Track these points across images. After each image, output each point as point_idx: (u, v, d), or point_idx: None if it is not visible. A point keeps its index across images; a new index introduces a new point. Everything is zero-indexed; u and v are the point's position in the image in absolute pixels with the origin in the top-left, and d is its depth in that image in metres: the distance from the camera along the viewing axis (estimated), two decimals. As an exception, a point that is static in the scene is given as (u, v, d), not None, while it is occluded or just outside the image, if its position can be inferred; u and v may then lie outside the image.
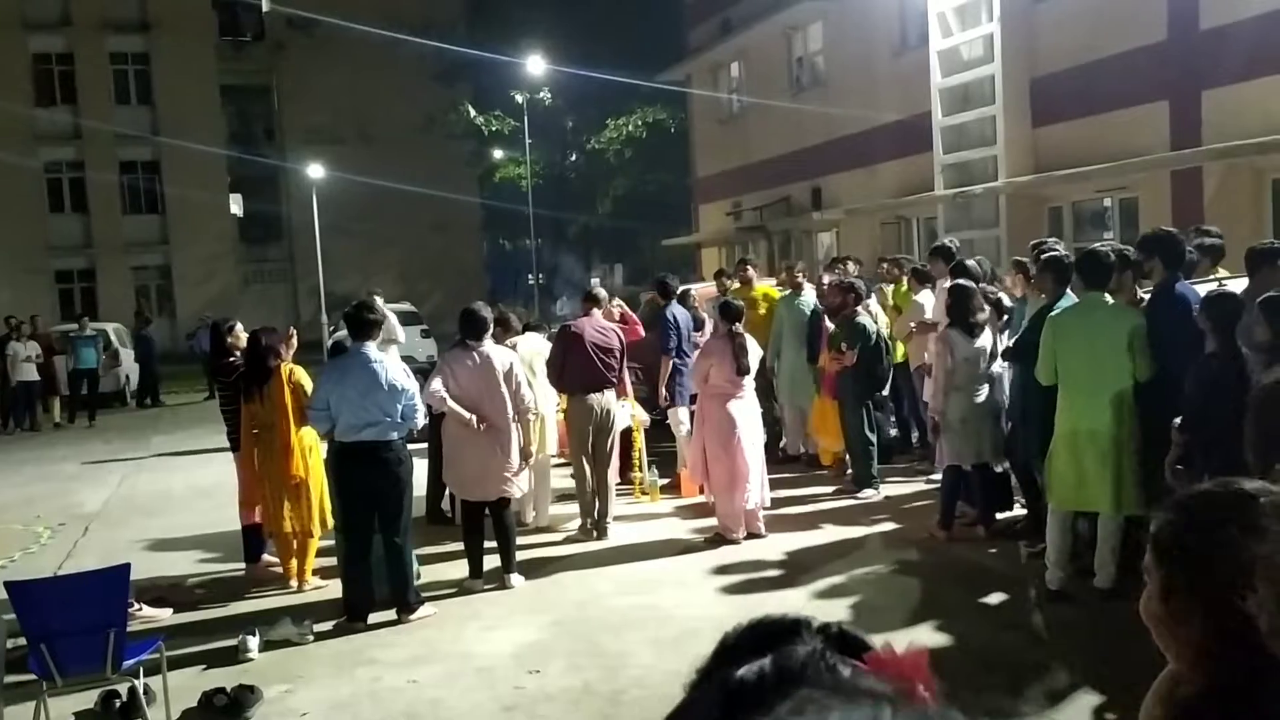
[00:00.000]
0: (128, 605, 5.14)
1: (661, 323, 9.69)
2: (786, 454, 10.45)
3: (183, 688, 5.33)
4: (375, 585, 6.41)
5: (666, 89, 25.52)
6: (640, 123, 30.51)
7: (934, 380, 7.45)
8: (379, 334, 6.62)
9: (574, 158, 35.54)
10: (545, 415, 8.28)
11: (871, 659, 0.67)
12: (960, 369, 7.25)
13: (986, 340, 7.37)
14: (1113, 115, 12.60)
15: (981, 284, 8.00)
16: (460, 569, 7.07)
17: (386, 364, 6.38)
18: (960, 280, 7.69)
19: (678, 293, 10.39)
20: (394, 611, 6.38)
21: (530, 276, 33.90)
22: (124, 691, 5.11)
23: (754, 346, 8.03)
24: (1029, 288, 7.64)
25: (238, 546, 7.65)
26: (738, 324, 7.80)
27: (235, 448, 7.59)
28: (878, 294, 10.25)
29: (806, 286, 10.55)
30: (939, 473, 7.97)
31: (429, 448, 8.38)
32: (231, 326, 7.95)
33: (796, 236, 21.40)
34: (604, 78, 23.49)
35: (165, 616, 6.65)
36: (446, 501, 8.57)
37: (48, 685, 4.65)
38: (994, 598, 6.33)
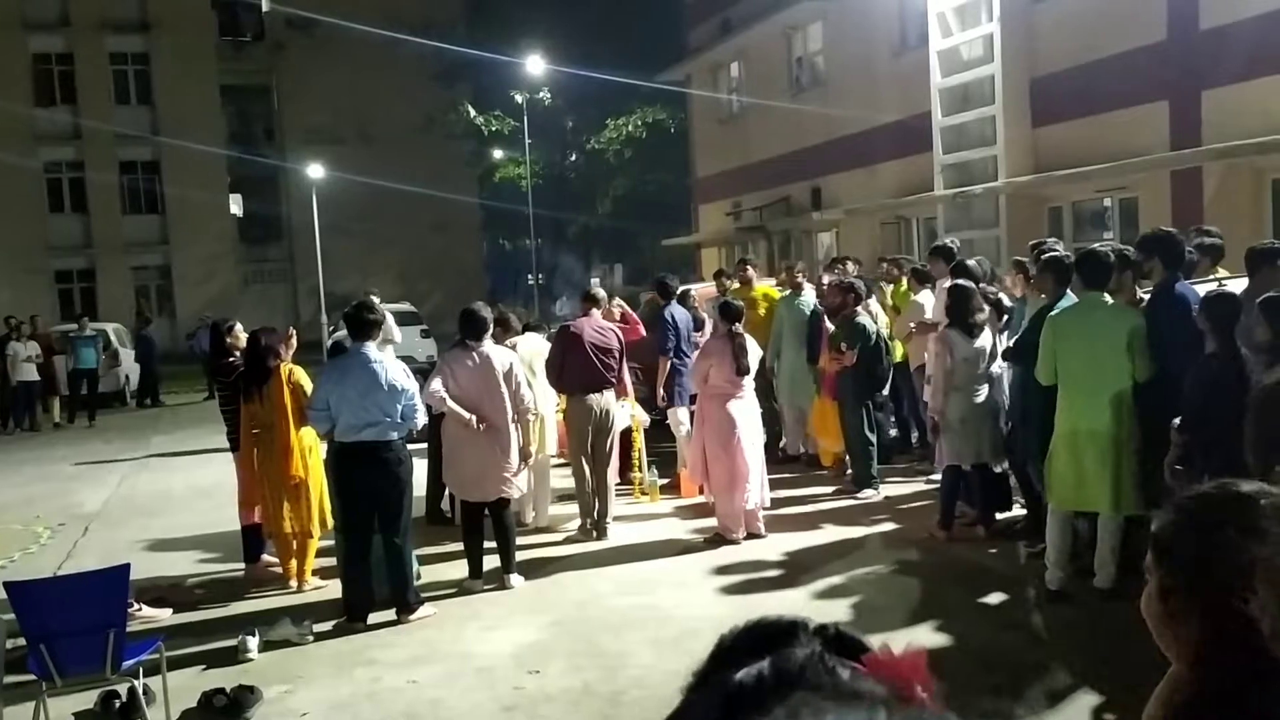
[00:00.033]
0: (127, 605, 5.14)
1: (660, 323, 9.69)
2: (786, 454, 10.45)
3: (182, 688, 5.33)
4: (375, 585, 6.41)
5: (666, 89, 25.52)
6: (640, 123, 30.50)
7: (933, 380, 7.45)
8: (379, 334, 6.62)
9: (574, 158, 35.54)
10: (545, 415, 8.28)
11: (869, 660, 0.67)
12: (959, 369, 7.25)
13: (986, 340, 7.37)
14: (1112, 115, 12.60)
15: (981, 284, 8.00)
16: (460, 569, 7.07)
17: (386, 364, 6.38)
18: (959, 280, 7.70)
19: (677, 293, 10.40)
20: (394, 612, 6.38)
21: (530, 276, 33.90)
22: (124, 692, 5.11)
23: (754, 346, 8.03)
24: (1029, 288, 7.64)
25: (237, 547, 7.65)
26: (737, 324, 7.80)
27: (235, 448, 7.60)
28: (877, 293, 10.26)
29: (806, 286, 10.55)
30: (938, 473, 7.96)
31: (429, 448, 8.38)
32: (231, 326, 7.96)
33: (796, 236, 21.40)
34: (604, 78, 23.50)
35: (165, 617, 6.65)
36: (446, 502, 8.57)
37: (47, 685, 4.65)
38: (994, 598, 6.32)
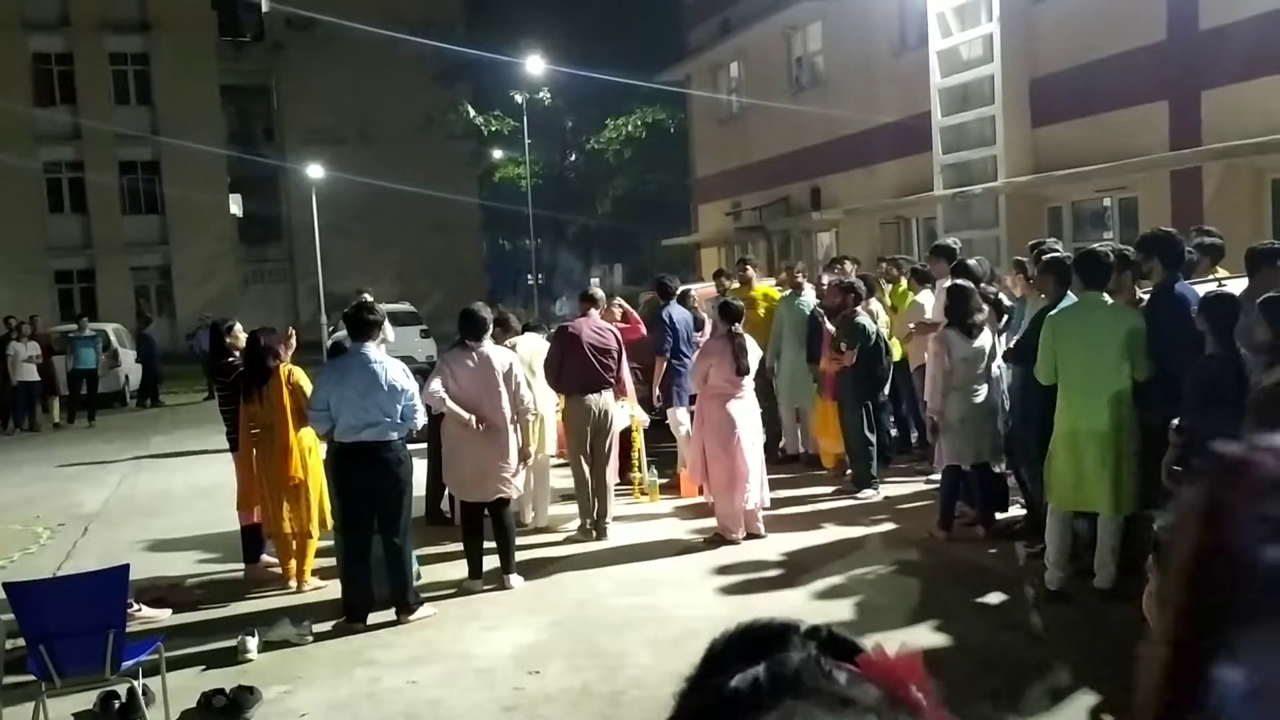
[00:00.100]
0: (127, 606, 5.14)
1: (658, 324, 9.69)
2: (786, 454, 10.45)
3: (182, 688, 5.33)
4: (375, 586, 6.41)
5: (666, 89, 25.51)
6: (640, 123, 30.50)
7: (931, 380, 7.45)
8: (379, 334, 6.62)
9: (574, 158, 35.54)
10: (544, 415, 8.28)
11: (864, 662, 0.66)
12: (958, 369, 7.24)
13: (985, 340, 7.36)
14: (1112, 115, 12.60)
15: (981, 284, 8.00)
16: (460, 569, 7.07)
17: (386, 364, 6.38)
18: (958, 280, 7.69)
19: (677, 293, 10.40)
20: (393, 612, 6.38)
21: (530, 276, 33.90)
22: (123, 692, 5.11)
23: (753, 346, 8.03)
24: (1029, 288, 7.63)
25: (237, 547, 7.65)
26: (737, 324, 7.80)
27: (235, 448, 7.60)
28: (879, 292, 10.24)
29: (806, 286, 10.55)
30: (938, 473, 7.97)
31: (428, 448, 8.38)
32: (231, 327, 7.96)
33: (796, 236, 21.40)
34: (604, 78, 23.49)
35: (164, 617, 6.65)
36: (446, 502, 8.56)
37: (46, 686, 4.65)
38: (994, 598, 6.32)
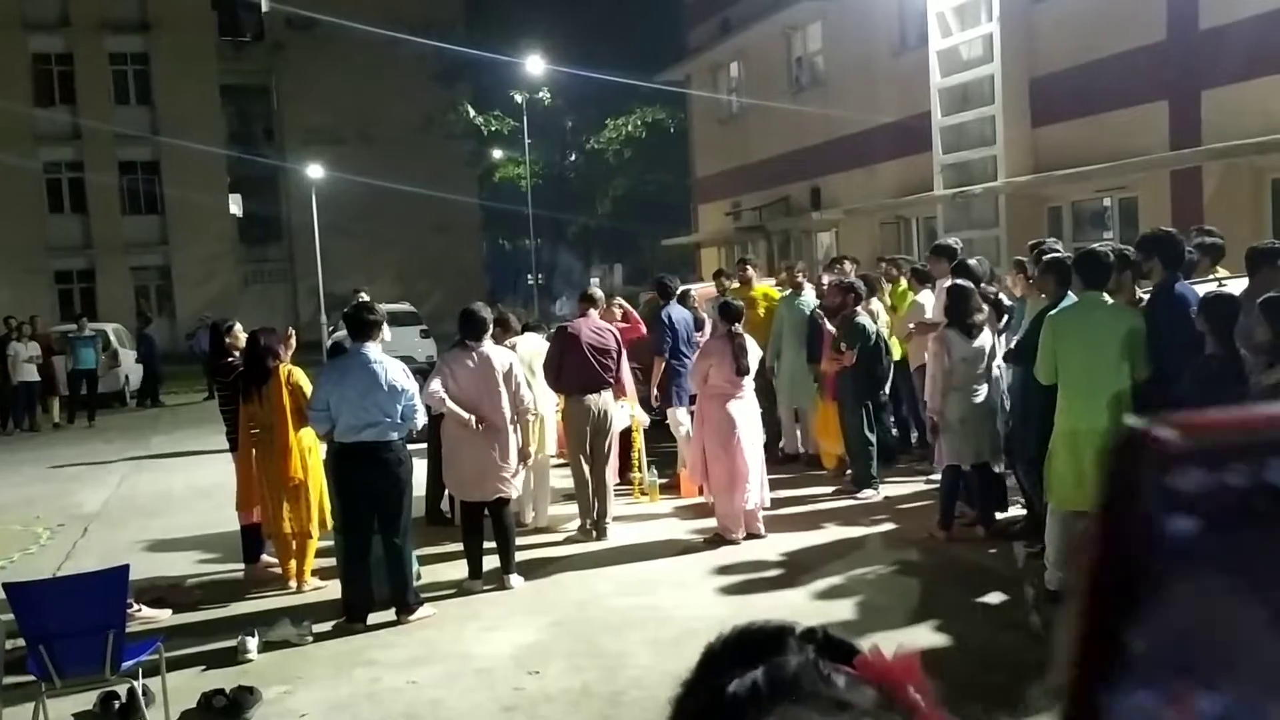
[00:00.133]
0: (127, 606, 5.14)
1: (657, 324, 9.69)
2: (785, 454, 10.45)
3: (182, 689, 5.32)
4: (375, 586, 6.41)
5: (666, 89, 25.51)
6: (640, 123, 30.50)
7: (931, 380, 7.45)
8: (379, 334, 6.62)
9: (574, 158, 35.55)
10: (544, 415, 8.28)
11: (860, 664, 0.66)
12: (958, 369, 7.24)
13: (985, 340, 7.36)
14: (1112, 115, 12.59)
15: (981, 284, 7.99)
16: (460, 569, 7.07)
17: (386, 365, 6.38)
18: (958, 280, 7.68)
19: (677, 293, 10.39)
20: (393, 612, 6.38)
21: (530, 276, 33.90)
22: (123, 693, 5.11)
23: (753, 346, 8.03)
24: (1029, 288, 7.63)
25: (237, 547, 7.65)
26: (737, 324, 7.80)
27: (235, 448, 7.59)
28: (879, 292, 10.24)
29: (806, 286, 10.55)
30: (938, 473, 7.96)
31: (428, 448, 8.37)
32: (230, 327, 7.96)
33: (796, 236, 21.40)
34: (604, 78, 23.49)
35: (164, 617, 6.65)
36: (446, 502, 8.56)
37: (46, 686, 4.65)
38: (994, 598, 6.32)
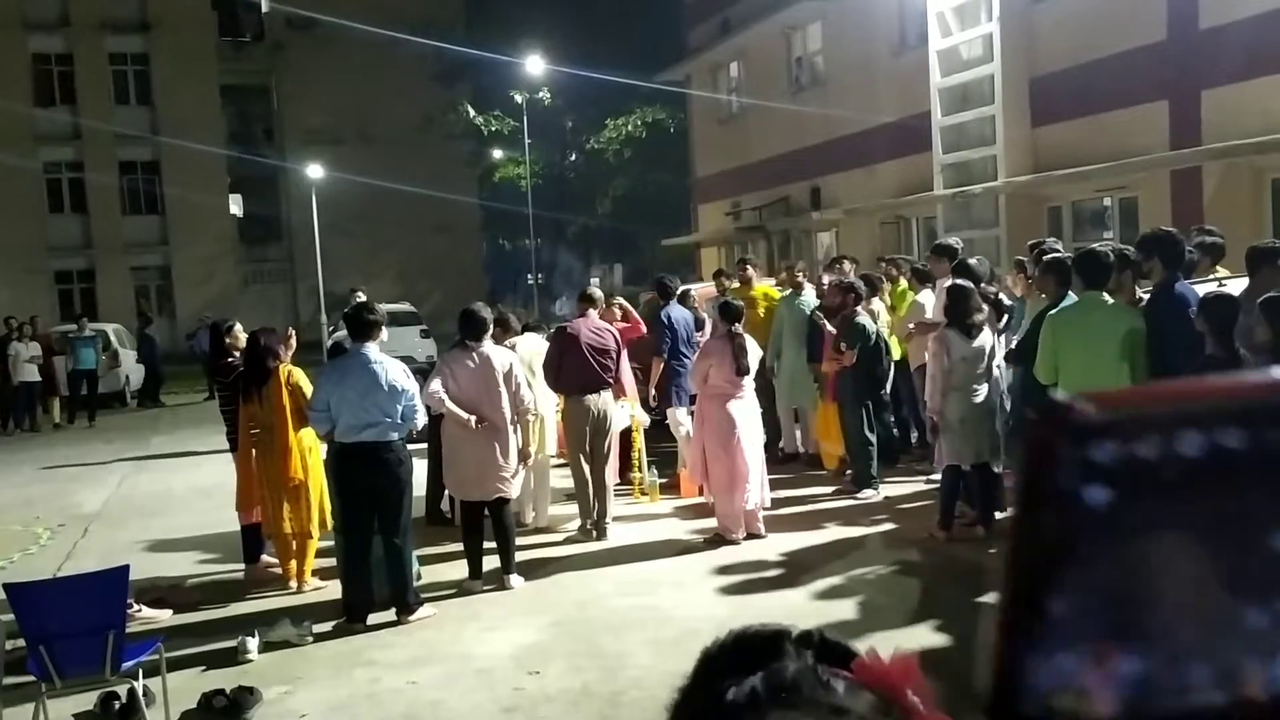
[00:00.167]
0: (127, 606, 5.14)
1: (656, 325, 9.69)
2: (785, 453, 10.45)
3: (182, 689, 5.32)
4: (375, 586, 6.41)
5: (666, 89, 25.51)
6: (640, 123, 30.50)
7: (931, 380, 7.45)
8: (379, 334, 6.62)
9: (573, 158, 35.56)
10: (545, 416, 8.28)
11: (858, 667, 0.66)
12: (958, 369, 7.24)
13: (985, 340, 7.35)
14: (1112, 115, 12.59)
15: (981, 284, 7.99)
16: (460, 570, 7.07)
17: (386, 365, 6.38)
18: (958, 280, 7.68)
19: (677, 293, 10.39)
20: (393, 612, 6.38)
21: (530, 276, 33.90)
22: (123, 693, 5.11)
23: (754, 346, 8.03)
24: (1029, 288, 7.63)
25: (237, 547, 7.64)
26: (737, 324, 7.80)
27: (235, 448, 7.59)
28: (880, 292, 10.24)
29: (806, 286, 10.55)
30: (938, 473, 7.96)
31: (429, 448, 8.37)
32: (230, 327, 7.96)
33: (796, 236, 21.40)
34: (604, 78, 23.49)
35: (165, 617, 6.65)
36: (446, 502, 8.56)
37: (47, 687, 4.64)
38: (994, 598, 6.30)
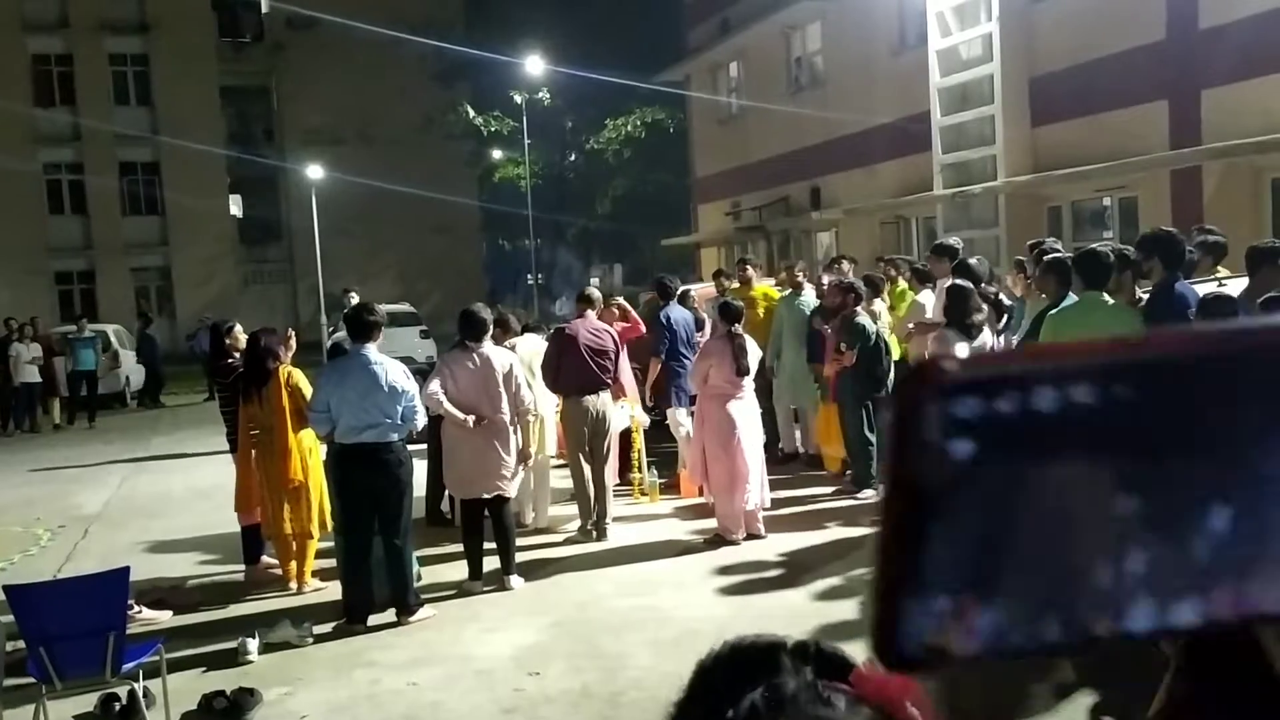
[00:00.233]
0: (127, 608, 5.14)
1: (655, 325, 9.69)
2: (785, 453, 10.45)
3: (182, 690, 5.32)
4: (375, 587, 6.41)
5: (666, 89, 25.51)
6: (639, 123, 30.51)
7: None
8: (379, 335, 6.61)
9: (573, 158, 35.56)
10: (544, 416, 8.28)
11: (857, 679, 0.66)
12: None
13: (984, 340, 7.34)
14: (1112, 115, 12.59)
15: (981, 284, 7.98)
16: (460, 571, 7.07)
17: (386, 366, 6.38)
18: (957, 280, 7.67)
19: (677, 293, 10.40)
20: (393, 613, 6.38)
21: (530, 277, 33.90)
22: (123, 694, 5.11)
23: (753, 347, 8.03)
24: (1028, 288, 7.62)
25: (237, 548, 7.64)
26: (737, 324, 7.80)
27: (235, 449, 7.60)
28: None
29: (806, 286, 10.55)
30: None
31: (429, 449, 8.37)
32: (230, 328, 7.97)
33: (796, 236, 21.40)
34: (603, 78, 23.48)
35: (165, 619, 6.65)
36: (446, 503, 8.56)
37: (47, 688, 4.64)
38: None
